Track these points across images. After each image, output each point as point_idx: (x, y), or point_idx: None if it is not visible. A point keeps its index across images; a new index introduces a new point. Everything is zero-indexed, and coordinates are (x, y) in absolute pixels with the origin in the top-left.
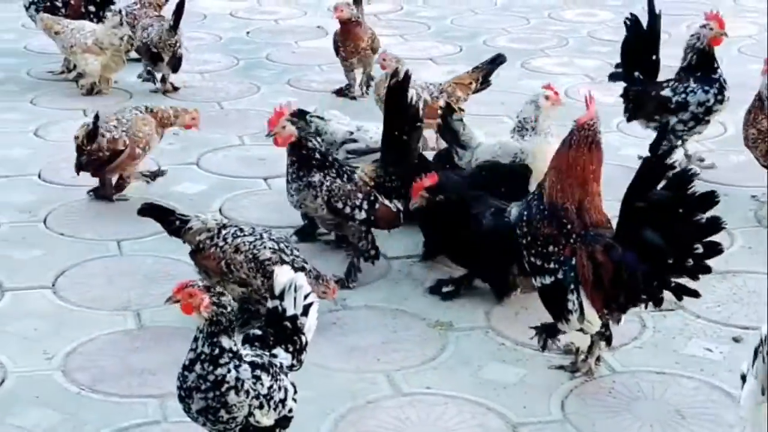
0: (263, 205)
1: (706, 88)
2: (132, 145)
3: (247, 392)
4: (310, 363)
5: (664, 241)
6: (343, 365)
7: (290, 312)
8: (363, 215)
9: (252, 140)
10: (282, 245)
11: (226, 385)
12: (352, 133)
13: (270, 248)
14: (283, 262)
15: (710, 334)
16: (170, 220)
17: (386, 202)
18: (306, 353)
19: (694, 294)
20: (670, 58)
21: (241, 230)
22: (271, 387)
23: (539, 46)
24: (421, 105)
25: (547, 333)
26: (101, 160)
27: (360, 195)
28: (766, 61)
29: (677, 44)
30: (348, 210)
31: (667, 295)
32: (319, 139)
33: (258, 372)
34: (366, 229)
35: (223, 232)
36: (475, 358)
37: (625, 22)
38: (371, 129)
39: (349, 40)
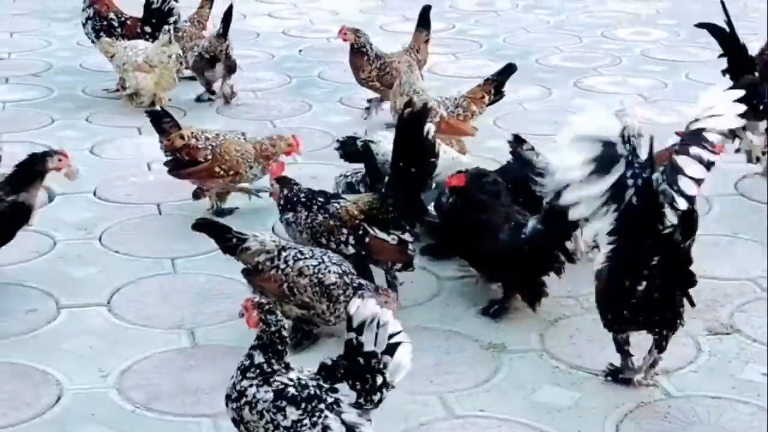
0: None
1: None
2: (214, 162)
3: (261, 414)
4: None
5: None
6: (396, 387)
7: (367, 348)
8: (351, 250)
9: (304, 158)
10: (344, 267)
11: (243, 399)
12: None
13: (335, 272)
14: (347, 285)
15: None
16: (226, 238)
17: (380, 234)
18: (383, 394)
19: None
20: None
21: (301, 252)
22: (298, 422)
23: (592, 65)
24: (436, 120)
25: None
26: (178, 161)
27: (345, 230)
28: None
29: None
30: (333, 245)
31: (723, 317)
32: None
33: (282, 403)
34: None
35: (284, 254)
36: (528, 380)
37: (715, 32)
38: None
39: (353, 68)
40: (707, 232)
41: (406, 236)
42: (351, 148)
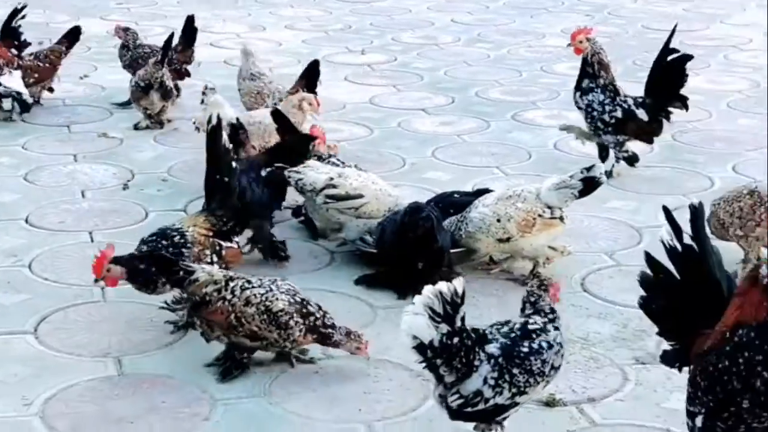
0: (255, 252)
1: None
2: None
3: None
4: (291, 412)
5: None
6: (324, 415)
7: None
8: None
9: None
10: (297, 297)
11: None
12: (332, 179)
13: (283, 300)
14: (300, 314)
15: None
16: (173, 270)
17: (229, 244)
18: None
19: None
20: None
21: (249, 282)
22: None
23: (531, 99)
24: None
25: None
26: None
27: (207, 251)
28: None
29: None
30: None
31: (650, 347)
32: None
33: None
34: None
35: (231, 284)
36: None
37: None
38: (352, 176)
39: None
40: (637, 263)
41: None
42: None
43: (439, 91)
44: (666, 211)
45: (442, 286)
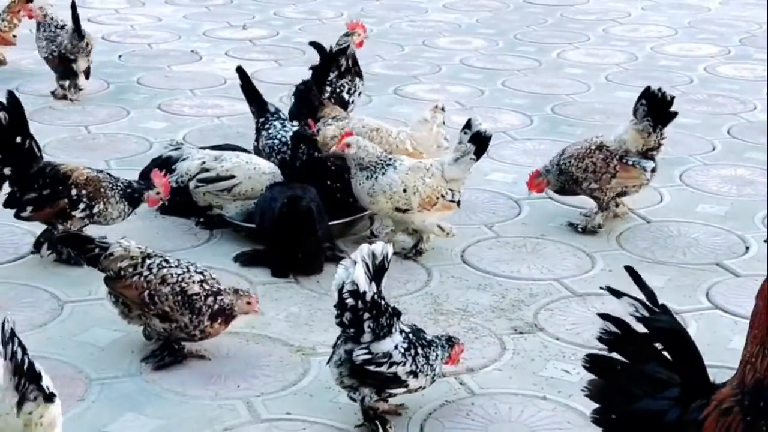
0: (126, 230)
1: None
2: None
3: None
4: (167, 390)
5: None
6: (202, 392)
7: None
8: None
9: (118, 164)
10: (206, 274)
11: None
12: (204, 162)
13: (198, 282)
14: (208, 295)
15: (568, 356)
16: (89, 248)
17: None
18: None
19: None
20: None
21: (167, 261)
22: None
23: (412, 73)
24: None
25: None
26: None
27: None
28: None
29: None
30: None
31: (527, 316)
32: None
33: None
34: None
35: (148, 261)
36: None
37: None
38: (228, 159)
39: None
40: (516, 234)
41: None
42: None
43: None
44: (632, 273)
45: (377, 247)
